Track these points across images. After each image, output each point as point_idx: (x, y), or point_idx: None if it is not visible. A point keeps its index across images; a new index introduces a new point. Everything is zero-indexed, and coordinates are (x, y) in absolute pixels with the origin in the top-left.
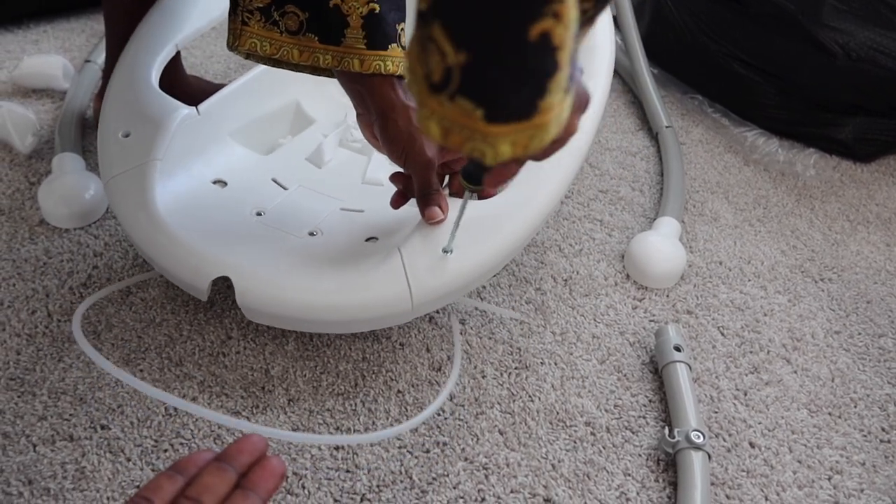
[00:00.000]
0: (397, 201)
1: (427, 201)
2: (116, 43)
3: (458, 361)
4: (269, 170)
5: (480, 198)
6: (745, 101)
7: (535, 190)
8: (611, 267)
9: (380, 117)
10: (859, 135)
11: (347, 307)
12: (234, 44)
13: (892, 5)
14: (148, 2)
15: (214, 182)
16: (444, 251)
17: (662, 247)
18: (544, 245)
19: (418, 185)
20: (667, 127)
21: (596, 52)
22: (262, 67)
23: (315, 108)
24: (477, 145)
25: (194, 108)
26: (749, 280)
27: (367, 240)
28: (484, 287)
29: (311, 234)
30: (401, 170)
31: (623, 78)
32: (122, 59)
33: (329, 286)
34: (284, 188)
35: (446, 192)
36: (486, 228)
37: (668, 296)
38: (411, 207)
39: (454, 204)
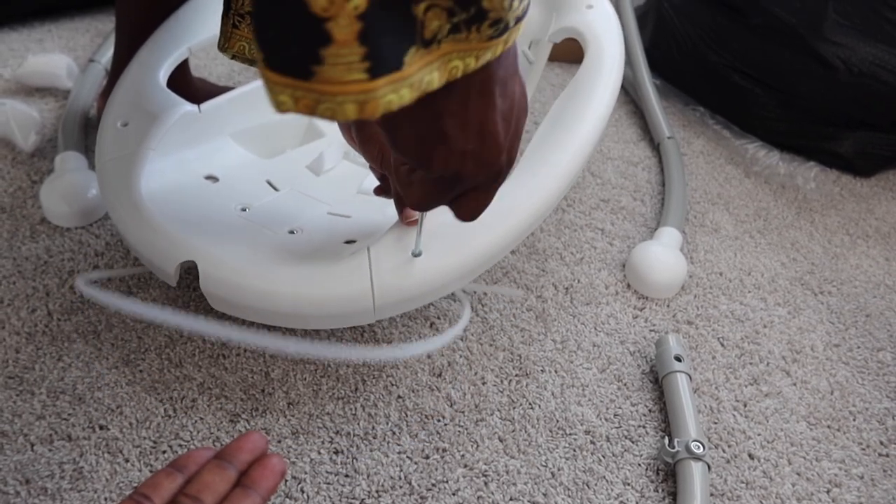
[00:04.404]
0: (379, 191)
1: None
2: (126, 43)
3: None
4: (265, 172)
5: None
6: (747, 113)
7: (517, 202)
8: (612, 276)
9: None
10: (860, 149)
11: (307, 300)
12: (223, 45)
13: (894, 21)
14: (163, 3)
15: (207, 177)
16: (414, 255)
17: (663, 257)
18: (545, 253)
19: (395, 186)
20: (668, 138)
21: (603, 65)
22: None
23: (326, 123)
24: (265, 86)
25: (196, 106)
26: (749, 291)
27: (347, 242)
28: (485, 293)
29: (291, 231)
30: None
31: (625, 88)
32: (134, 58)
33: (291, 277)
34: (277, 190)
35: None
36: (460, 235)
37: (668, 306)
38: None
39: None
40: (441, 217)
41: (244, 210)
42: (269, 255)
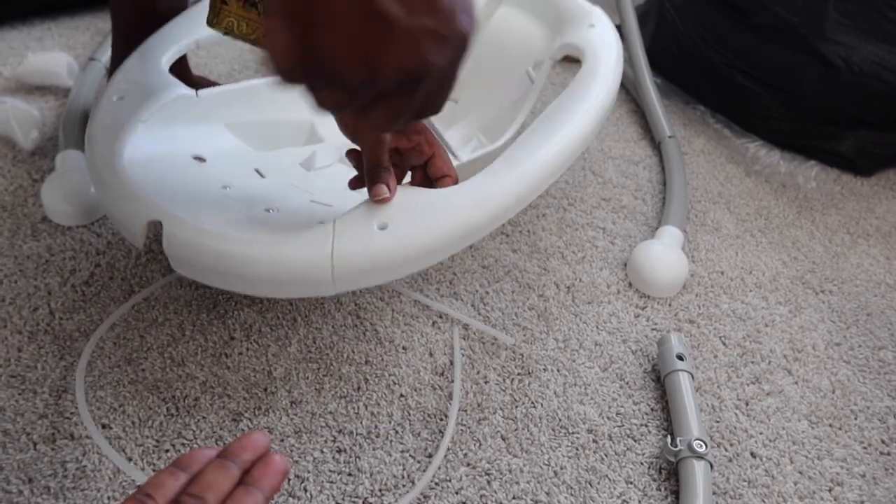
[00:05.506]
0: (354, 184)
1: (375, 178)
2: (122, 42)
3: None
4: (256, 161)
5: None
6: (748, 112)
7: (492, 188)
8: (613, 275)
9: None
10: (860, 148)
11: (265, 263)
12: (212, 21)
13: (895, 20)
14: (156, 3)
15: (194, 157)
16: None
17: (665, 256)
18: (547, 252)
19: (368, 162)
20: (669, 137)
21: (597, 74)
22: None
23: (327, 129)
24: None
25: (194, 91)
26: (750, 290)
27: (321, 223)
28: (487, 293)
29: (268, 210)
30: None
31: (626, 87)
32: (141, 46)
33: (251, 241)
34: (263, 177)
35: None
36: (430, 213)
37: (670, 305)
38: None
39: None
40: (415, 195)
41: (225, 188)
42: (237, 222)
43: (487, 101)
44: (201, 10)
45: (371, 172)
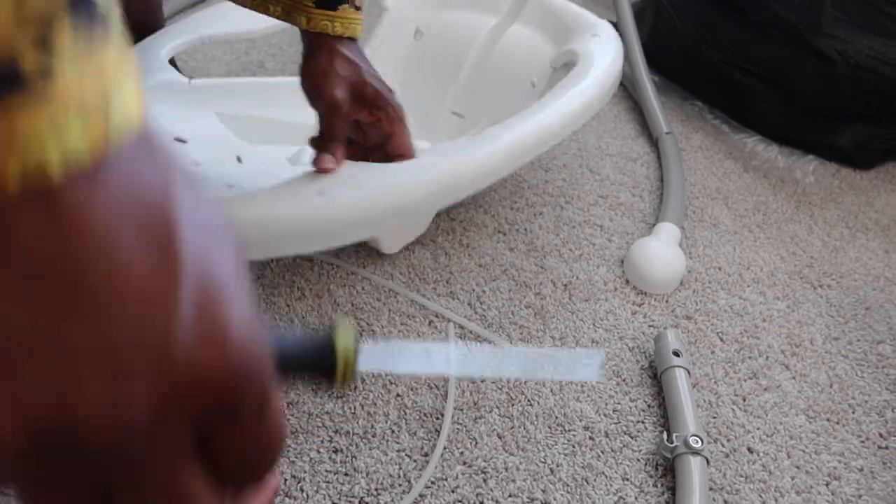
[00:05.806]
0: (313, 143)
1: (324, 147)
2: None
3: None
4: (239, 149)
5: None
6: (745, 107)
7: (439, 162)
8: (610, 272)
9: (306, 47)
10: (858, 142)
11: None
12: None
13: (891, 15)
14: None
15: (175, 139)
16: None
17: (662, 252)
18: (544, 250)
19: (323, 131)
20: (667, 133)
21: (586, 76)
22: (284, 77)
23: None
24: None
25: (187, 78)
26: (748, 286)
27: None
28: (484, 291)
29: (230, 186)
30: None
31: (624, 84)
32: (147, 38)
33: None
34: (241, 164)
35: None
36: (368, 181)
37: (667, 301)
38: None
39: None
40: (359, 167)
41: (196, 165)
42: None
43: (493, 113)
44: (212, 12)
45: (323, 142)
